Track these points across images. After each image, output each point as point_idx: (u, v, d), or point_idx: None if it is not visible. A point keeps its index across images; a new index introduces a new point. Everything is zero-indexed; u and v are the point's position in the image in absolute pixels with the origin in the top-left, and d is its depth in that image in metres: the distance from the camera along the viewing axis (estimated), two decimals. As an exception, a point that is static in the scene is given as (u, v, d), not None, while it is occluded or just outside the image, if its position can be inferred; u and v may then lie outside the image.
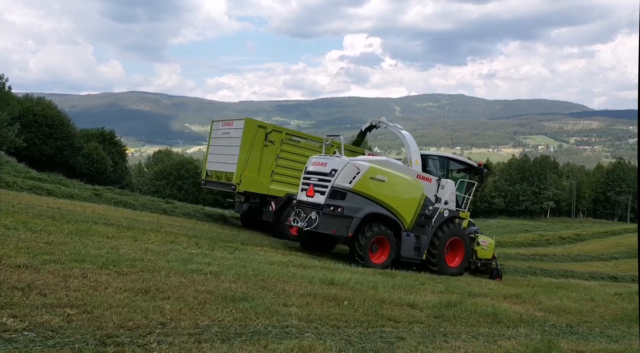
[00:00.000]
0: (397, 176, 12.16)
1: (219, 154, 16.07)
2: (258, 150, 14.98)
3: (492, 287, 11.15)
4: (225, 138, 15.83)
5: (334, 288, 7.58)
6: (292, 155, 15.65)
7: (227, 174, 15.38)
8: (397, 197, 12.01)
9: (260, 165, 15.11)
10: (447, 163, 13.96)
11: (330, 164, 11.81)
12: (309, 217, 11.61)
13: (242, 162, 14.77)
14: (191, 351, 4.12)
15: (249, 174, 14.93)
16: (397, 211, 12.02)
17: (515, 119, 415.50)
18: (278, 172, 15.48)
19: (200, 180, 17.97)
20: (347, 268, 10.22)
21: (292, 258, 10.49)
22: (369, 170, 11.64)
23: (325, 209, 11.46)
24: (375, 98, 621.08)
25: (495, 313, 7.90)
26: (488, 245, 14.52)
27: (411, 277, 10.29)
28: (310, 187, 12.06)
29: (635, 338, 8.10)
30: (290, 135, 16.17)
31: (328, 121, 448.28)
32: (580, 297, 11.79)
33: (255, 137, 14.91)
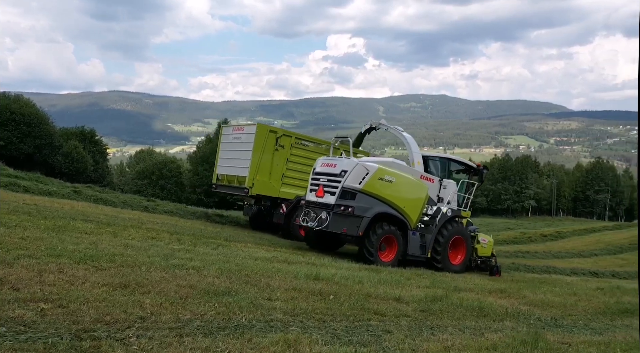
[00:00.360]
0: (403, 177, 12.42)
1: (230, 159, 16.33)
2: (269, 154, 15.31)
3: (476, 282, 11.14)
4: (236, 143, 16.08)
5: (319, 283, 7.47)
6: (301, 158, 15.97)
7: (239, 178, 15.65)
8: (403, 197, 12.25)
9: (272, 169, 15.43)
10: (448, 164, 14.23)
11: (339, 165, 12.02)
12: (319, 217, 11.81)
13: (254, 166, 15.06)
14: (172, 345, 3.96)
15: (261, 178, 15.23)
16: (404, 211, 12.23)
17: (496, 119, 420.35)
18: (288, 175, 15.81)
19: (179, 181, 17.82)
20: (332, 263, 10.11)
21: (276, 254, 10.35)
22: (378, 171, 11.86)
23: (335, 209, 11.66)
24: (359, 98, 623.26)
25: (481, 307, 7.87)
26: (487, 243, 14.77)
27: (396, 272, 10.22)
28: (319, 187, 12.25)
29: (619, 330, 8.15)
30: (300, 139, 16.47)
31: (312, 121, 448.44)
32: (563, 291, 11.88)
33: (266, 141, 15.23)
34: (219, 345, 4.11)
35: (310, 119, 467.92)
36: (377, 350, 4.74)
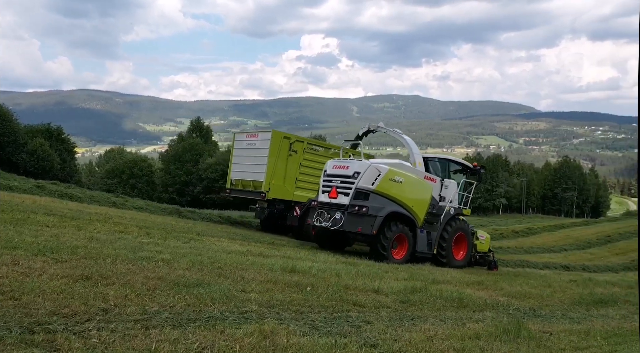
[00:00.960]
0: (411, 177, 12.85)
1: (245, 164, 16.81)
2: (283, 159, 15.89)
3: (454, 275, 11.04)
4: (250, 149, 16.60)
5: (295, 276, 7.19)
6: (313, 162, 16.53)
7: (255, 183, 16.13)
8: (412, 197, 12.68)
9: (286, 174, 16.01)
10: (448, 164, 14.75)
11: (352, 167, 12.37)
12: (333, 218, 12.12)
13: (270, 171, 15.61)
14: (137, 337, 3.63)
15: (276, 182, 15.77)
16: (412, 210, 12.63)
17: (467, 120, 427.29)
18: (301, 179, 16.37)
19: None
20: (308, 257, 9.84)
21: (250, 248, 10.02)
22: (389, 172, 12.27)
23: (350, 209, 11.97)
24: (333, 98, 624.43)
25: (461, 298, 7.73)
26: (485, 239, 15.29)
27: (374, 265, 10.02)
28: (332, 189, 12.56)
29: (596, 319, 8.14)
30: (311, 144, 17.11)
31: (286, 121, 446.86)
32: (538, 283, 11.91)
33: (280, 147, 15.82)
34: (188, 337, 3.80)
35: (284, 118, 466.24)
36: (357, 340, 4.50)
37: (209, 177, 53.22)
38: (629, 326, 7.79)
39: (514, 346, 5.22)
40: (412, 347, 4.57)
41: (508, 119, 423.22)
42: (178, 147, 59.01)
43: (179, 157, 56.84)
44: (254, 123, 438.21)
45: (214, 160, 54.12)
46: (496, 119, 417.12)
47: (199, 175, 54.29)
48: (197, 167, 54.87)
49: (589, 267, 22.45)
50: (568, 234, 37.72)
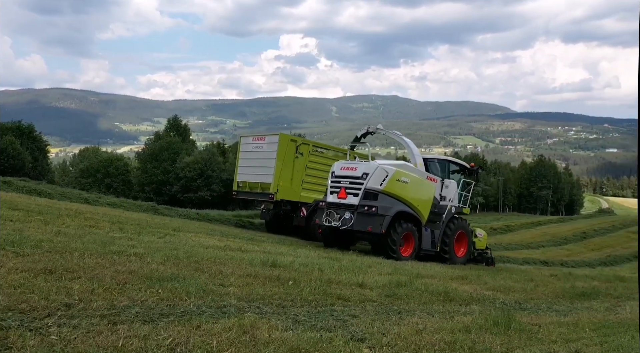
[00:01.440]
0: (415, 178, 13.19)
1: (252, 167, 17.04)
2: (290, 161, 16.21)
3: (437, 270, 10.86)
4: (257, 152, 16.90)
5: (276, 270, 6.88)
6: (318, 164, 16.92)
7: (263, 185, 16.35)
8: (417, 196, 13.04)
9: (293, 175, 16.32)
10: (447, 165, 15.06)
11: (361, 168, 12.66)
12: (342, 217, 12.41)
13: (278, 173, 15.90)
14: (102, 334, 3.28)
15: (284, 184, 16.06)
16: (417, 209, 12.99)
17: (445, 120, 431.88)
18: (307, 180, 16.71)
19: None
20: (289, 252, 9.53)
21: (229, 243, 9.66)
22: (396, 173, 12.61)
23: (360, 209, 12.26)
24: (312, 98, 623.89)
25: (447, 292, 7.54)
26: (483, 237, 15.73)
27: (357, 260, 9.76)
28: (341, 189, 12.79)
29: (581, 312, 8.04)
30: (316, 147, 17.55)
31: (265, 121, 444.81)
32: (520, 278, 11.83)
33: (287, 150, 16.15)
34: (160, 333, 3.46)
35: (263, 118, 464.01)
36: (344, 334, 4.22)
37: (187, 176, 52.41)
38: (614, 318, 7.70)
39: (505, 338, 5.02)
40: (402, 340, 4.31)
41: (484, 119, 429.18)
42: (155, 145, 57.91)
43: (155, 156, 55.75)
44: (233, 123, 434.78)
45: (192, 158, 53.33)
46: (473, 119, 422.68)
47: (177, 174, 53.39)
48: (175, 166, 53.95)
49: (567, 262, 22.71)
50: (545, 231, 38.24)
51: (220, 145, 65.24)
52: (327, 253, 10.32)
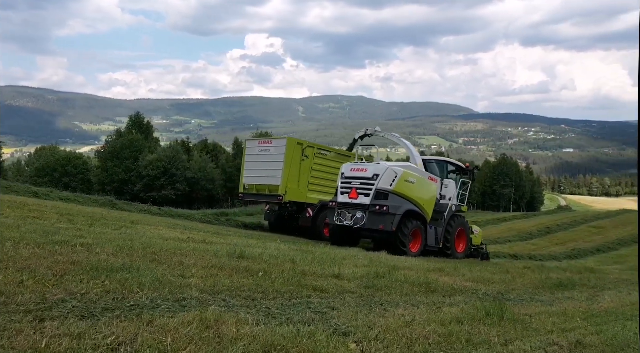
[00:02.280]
0: (420, 178, 13.66)
1: (258, 169, 17.30)
2: (297, 164, 16.59)
3: (413, 262, 10.41)
4: (264, 154, 17.18)
5: (244, 262, 6.22)
6: (322, 166, 17.38)
7: (270, 187, 16.64)
8: (422, 195, 13.54)
9: (299, 177, 16.69)
10: (445, 165, 15.49)
11: (371, 170, 13.11)
12: (354, 217, 12.91)
13: (286, 176, 16.24)
14: (21, 333, 2.58)
15: (291, 185, 16.41)
16: (423, 208, 13.47)
17: (410, 120, 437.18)
18: (312, 181, 17.10)
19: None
20: (257, 244, 8.86)
21: (192, 235, 8.90)
22: (404, 174, 13.07)
23: (371, 208, 12.72)
24: (278, 98, 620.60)
25: (428, 283, 7.06)
26: (479, 233, 16.35)
27: (330, 252, 9.16)
28: (352, 190, 13.25)
29: (565, 302, 7.72)
30: (320, 149, 17.81)
31: (230, 120, 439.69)
32: (496, 269, 11.53)
33: (294, 153, 16.52)
34: (100, 330, 2.78)
35: (228, 118, 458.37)
36: (325, 328, 3.63)
37: (150, 174, 50.76)
38: (598, 307, 7.41)
39: (501, 329, 4.54)
40: (391, 333, 3.75)
41: (448, 119, 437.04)
42: (116, 143, 55.82)
43: (117, 154, 53.72)
44: (198, 122, 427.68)
45: (155, 156, 51.69)
46: (437, 120, 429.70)
47: (139, 172, 51.62)
48: (137, 164, 52.15)
49: (535, 256, 22.81)
50: (510, 227, 38.69)
51: (185, 143, 63.55)
52: (297, 246, 9.69)
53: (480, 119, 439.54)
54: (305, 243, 10.80)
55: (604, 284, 11.50)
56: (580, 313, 6.41)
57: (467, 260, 13.97)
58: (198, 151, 59.63)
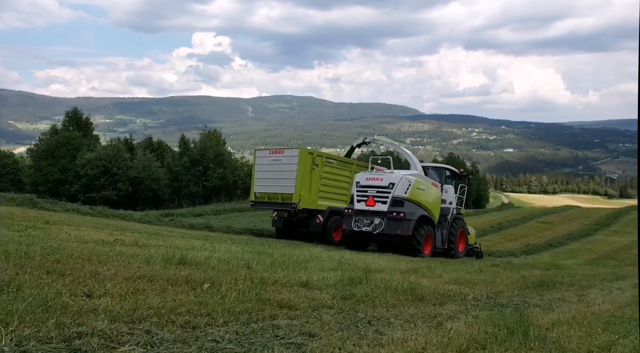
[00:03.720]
0: (428, 185, 14.50)
1: (270, 178, 17.90)
2: (308, 173, 17.19)
3: (383, 263, 9.27)
4: (276, 164, 17.82)
5: (185, 269, 4.79)
6: (330, 174, 17.99)
7: (283, 195, 17.22)
8: (431, 201, 14.35)
9: (311, 185, 17.28)
10: (443, 172, 16.33)
11: (387, 179, 13.91)
12: (373, 223, 13.65)
13: (299, 184, 16.83)
14: None
15: (304, 194, 17.00)
16: (432, 213, 14.28)
17: (359, 121, 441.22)
18: (322, 189, 17.70)
19: None
20: (204, 247, 7.38)
21: (123, 237, 7.29)
22: (416, 182, 13.93)
23: (389, 215, 13.51)
24: (227, 98, 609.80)
25: (412, 289, 5.86)
26: (473, 233, 17.27)
27: (292, 253, 7.80)
28: (369, 198, 14.00)
29: (563, 305, 6.76)
30: (328, 158, 18.54)
31: (177, 120, 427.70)
32: (469, 269, 10.54)
33: (305, 162, 17.10)
34: None
35: (175, 117, 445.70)
36: (307, 375, 2.29)
37: (89, 174, 47.46)
38: (598, 310, 6.50)
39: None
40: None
41: (395, 120, 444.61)
42: (51, 141, 51.88)
43: (52, 153, 49.89)
44: (143, 122, 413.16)
45: (95, 155, 48.43)
46: (385, 120, 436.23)
47: (77, 172, 48.13)
48: (75, 164, 48.60)
49: (493, 252, 22.43)
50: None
51: (128, 141, 60.12)
52: (252, 247, 8.28)
53: (427, 119, 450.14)
54: (260, 243, 9.40)
55: (579, 282, 10.82)
56: (593, 320, 5.42)
57: (429, 260, 13.06)
58: (142, 149, 56.53)
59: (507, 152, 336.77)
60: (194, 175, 48.62)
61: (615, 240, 31.84)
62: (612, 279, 11.58)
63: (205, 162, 48.40)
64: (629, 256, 25.73)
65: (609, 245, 29.97)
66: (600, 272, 13.48)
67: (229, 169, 50.35)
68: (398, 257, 11.46)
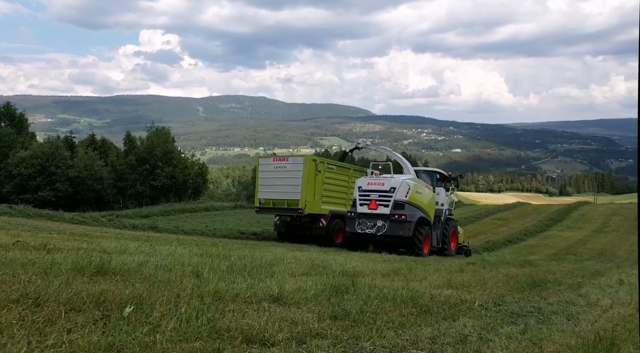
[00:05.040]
0: (424, 188, 15.35)
1: (275, 185, 18.31)
2: (312, 179, 17.75)
3: (356, 264, 7.97)
4: (280, 171, 18.32)
5: (103, 282, 3.27)
6: (331, 179, 18.56)
7: (289, 201, 17.73)
8: (427, 203, 15.15)
9: (315, 191, 17.81)
10: (434, 175, 17.26)
11: (388, 183, 14.72)
12: (376, 225, 14.41)
13: (304, 191, 17.38)
14: None
15: (309, 199, 17.54)
16: (428, 214, 15.11)
17: (311, 122, 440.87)
18: (324, 194, 18.28)
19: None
20: (140, 249, 5.79)
21: (31, 240, 5.58)
22: (414, 186, 14.74)
23: (391, 217, 14.29)
24: (177, 97, 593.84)
25: (413, 298, 4.58)
26: (462, 232, 18.48)
27: (252, 256, 6.31)
28: (371, 202, 14.73)
29: (581, 310, 5.69)
30: (329, 164, 19.12)
31: (124, 120, 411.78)
32: (449, 269, 9.44)
33: (309, 169, 17.62)
34: None
35: (122, 117, 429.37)
36: None
37: (23, 174, 43.83)
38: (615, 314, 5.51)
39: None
40: None
41: (347, 121, 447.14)
42: (-19, 139, 47.65)
43: (-20, 152, 45.77)
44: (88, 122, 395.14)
45: (30, 153, 44.81)
46: (337, 121, 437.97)
47: (9, 171, 44.34)
48: (7, 162, 44.76)
49: (457, 250, 21.70)
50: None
51: (69, 139, 56.23)
52: (202, 249, 6.74)
53: (378, 120, 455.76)
54: (213, 244, 7.86)
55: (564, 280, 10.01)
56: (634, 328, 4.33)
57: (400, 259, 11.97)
58: (84, 148, 52.95)
59: (455, 152, 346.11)
60: (141, 174, 45.83)
61: (569, 236, 32.14)
62: (590, 276, 10.89)
63: (153, 160, 45.72)
64: (585, 251, 25.86)
65: (565, 240, 30.11)
66: (572, 268, 12.86)
67: (179, 168, 47.84)
68: (368, 256, 10.24)
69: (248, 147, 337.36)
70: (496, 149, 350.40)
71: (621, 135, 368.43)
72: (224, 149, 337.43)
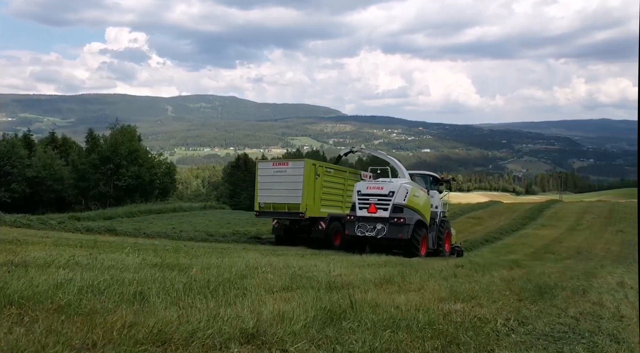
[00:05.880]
0: (420, 192, 15.67)
1: (274, 189, 18.37)
2: (312, 183, 17.85)
3: (342, 272, 6.90)
4: (280, 175, 18.37)
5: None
6: (329, 183, 18.69)
7: (290, 205, 17.82)
8: (423, 206, 15.47)
9: (315, 194, 17.92)
10: (429, 178, 17.55)
11: (387, 188, 15.00)
12: (375, 228, 14.73)
13: (305, 194, 17.48)
14: None
15: (309, 203, 17.64)
16: (425, 217, 15.44)
17: (282, 122, 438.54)
18: (323, 197, 18.40)
19: None
20: (79, 255, 4.54)
21: None
22: (412, 190, 15.03)
23: (390, 221, 14.62)
24: (145, 97, 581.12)
25: (430, 323, 3.52)
26: (455, 234, 18.70)
27: (220, 265, 5.13)
28: (371, 205, 15.01)
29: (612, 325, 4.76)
30: (327, 167, 19.33)
31: (90, 119, 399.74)
32: (442, 274, 8.50)
33: (310, 173, 17.73)
34: None
35: (87, 116, 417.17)
36: None
37: (-24, 175, 41.13)
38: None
39: None
40: None
41: (318, 121, 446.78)
42: None
43: None
44: (52, 121, 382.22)
45: (-17, 153, 42.08)
46: (308, 121, 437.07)
47: (-41, 172, 41.58)
48: (-42, 163, 41.99)
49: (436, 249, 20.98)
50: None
51: (27, 137, 53.34)
52: (158, 257, 5.51)
53: (349, 120, 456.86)
54: (174, 250, 6.63)
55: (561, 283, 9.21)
56: None
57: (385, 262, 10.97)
58: (43, 147, 50.26)
59: (424, 152, 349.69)
60: (104, 173, 43.58)
61: (545, 234, 31.93)
62: (584, 277, 10.15)
63: (117, 159, 43.55)
64: (562, 249, 25.62)
65: (541, 239, 29.84)
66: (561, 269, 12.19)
67: (145, 167, 45.77)
68: (350, 259, 9.17)
69: (218, 147, 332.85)
70: (464, 149, 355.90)
71: (582, 135, 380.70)
72: (194, 149, 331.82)
